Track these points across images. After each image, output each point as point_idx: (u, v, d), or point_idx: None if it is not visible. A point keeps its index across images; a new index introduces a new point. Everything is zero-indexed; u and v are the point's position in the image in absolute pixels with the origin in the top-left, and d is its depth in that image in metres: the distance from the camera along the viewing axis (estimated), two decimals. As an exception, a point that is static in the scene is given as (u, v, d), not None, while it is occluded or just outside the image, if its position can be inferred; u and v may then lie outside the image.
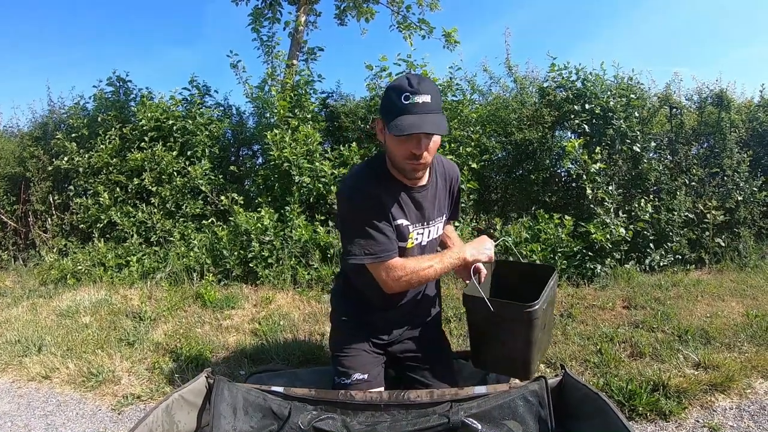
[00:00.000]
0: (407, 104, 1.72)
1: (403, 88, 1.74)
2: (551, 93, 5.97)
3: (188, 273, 5.22)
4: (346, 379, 2.09)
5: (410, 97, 1.72)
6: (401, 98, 1.73)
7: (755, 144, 6.34)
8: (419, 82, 1.74)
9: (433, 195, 2.07)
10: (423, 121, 1.71)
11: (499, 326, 2.03)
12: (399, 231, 1.97)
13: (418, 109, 1.72)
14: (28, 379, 3.30)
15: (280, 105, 5.93)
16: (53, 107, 7.51)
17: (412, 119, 1.71)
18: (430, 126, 1.72)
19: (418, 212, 2.03)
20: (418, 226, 2.05)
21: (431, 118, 1.73)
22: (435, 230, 2.14)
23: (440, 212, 2.14)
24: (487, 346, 2.14)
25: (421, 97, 1.72)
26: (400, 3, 7.95)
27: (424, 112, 1.72)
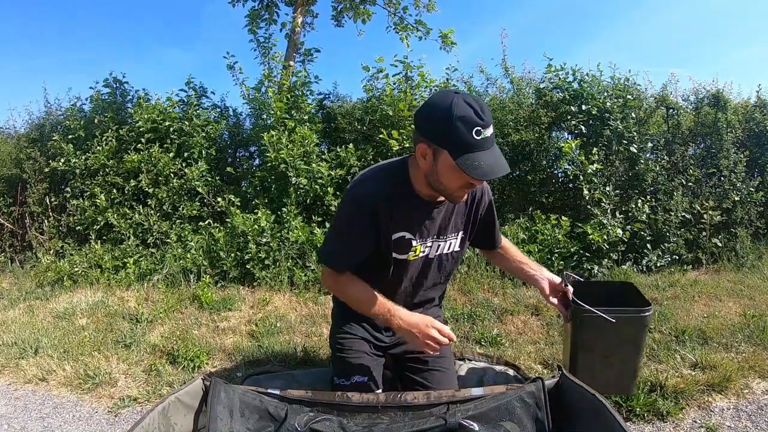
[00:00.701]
0: (479, 140, 1.56)
1: (473, 121, 1.56)
2: (548, 94, 5.97)
3: (185, 275, 5.21)
4: (345, 381, 2.08)
5: (482, 132, 1.56)
6: (473, 133, 1.56)
7: (752, 144, 6.36)
8: (483, 110, 1.57)
9: (449, 210, 1.95)
10: (498, 160, 1.61)
11: (614, 339, 2.03)
12: (399, 243, 1.93)
13: (488, 144, 1.59)
14: (25, 382, 3.28)
15: (276, 106, 5.93)
16: (50, 109, 7.49)
17: (488, 158, 1.58)
18: (505, 165, 1.62)
19: (429, 226, 1.94)
20: (428, 240, 1.97)
21: (500, 154, 1.63)
22: (447, 246, 2.03)
23: (456, 228, 2.02)
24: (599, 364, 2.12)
25: (489, 130, 1.59)
26: (397, 4, 7.97)
27: (492, 146, 1.61)
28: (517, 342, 3.61)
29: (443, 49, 7.90)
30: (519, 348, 3.50)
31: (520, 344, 3.56)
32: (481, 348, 3.51)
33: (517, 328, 3.89)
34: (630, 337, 2.06)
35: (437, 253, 2.03)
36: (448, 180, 1.68)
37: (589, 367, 2.08)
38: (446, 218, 1.96)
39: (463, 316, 4.03)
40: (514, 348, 3.50)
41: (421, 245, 1.96)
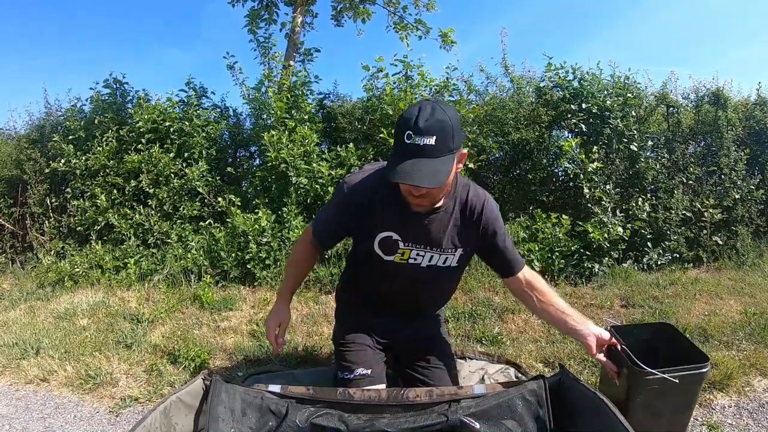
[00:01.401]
0: (408, 144, 1.58)
1: (407, 124, 1.58)
2: (548, 93, 5.97)
3: (186, 275, 5.21)
4: (348, 374, 2.09)
5: (412, 137, 1.57)
6: (404, 135, 1.58)
7: (752, 142, 6.36)
8: (427, 119, 1.57)
9: (443, 222, 1.92)
10: (416, 170, 1.57)
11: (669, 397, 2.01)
12: (385, 243, 1.95)
13: (415, 153, 1.58)
14: (26, 382, 3.28)
15: (277, 106, 5.92)
16: (50, 109, 7.49)
17: (406, 166, 1.57)
18: (421, 178, 1.57)
19: (419, 233, 1.93)
20: (418, 246, 1.95)
21: (428, 167, 1.58)
22: (442, 259, 2.00)
23: (453, 243, 1.97)
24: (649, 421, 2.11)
25: (424, 140, 1.56)
26: (397, 3, 7.95)
27: (424, 157, 1.58)
28: (518, 341, 3.61)
29: (443, 48, 7.89)
30: (520, 347, 3.50)
31: (521, 343, 3.56)
32: (482, 347, 3.51)
33: (518, 326, 3.89)
34: (685, 393, 2.05)
35: (429, 264, 2.01)
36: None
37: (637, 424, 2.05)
38: (440, 230, 1.94)
39: (464, 315, 4.02)
40: (515, 347, 3.50)
41: (409, 250, 1.96)
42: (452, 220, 1.94)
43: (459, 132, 1.66)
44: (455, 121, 1.63)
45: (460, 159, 1.75)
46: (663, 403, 2.03)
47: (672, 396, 2.02)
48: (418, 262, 2.00)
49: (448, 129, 1.60)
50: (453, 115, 1.63)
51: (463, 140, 1.72)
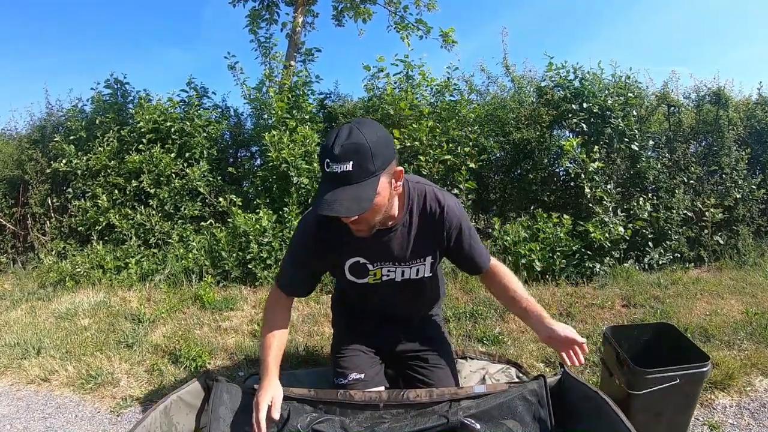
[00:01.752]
0: (328, 172, 1.53)
1: (325, 150, 1.54)
2: (549, 92, 5.97)
3: (187, 275, 5.21)
4: (343, 380, 2.11)
5: (330, 165, 1.51)
6: (324, 163, 1.53)
7: (753, 142, 6.34)
8: (343, 144, 1.50)
9: (404, 235, 1.89)
10: (334, 199, 1.51)
11: (669, 396, 2.02)
12: (355, 268, 1.97)
13: (333, 182, 1.52)
14: (27, 382, 3.29)
15: (278, 106, 5.93)
16: (51, 110, 7.51)
17: (328, 195, 1.52)
18: (339, 208, 1.51)
19: (383, 252, 1.91)
20: (387, 264, 1.95)
21: (347, 194, 1.52)
22: (414, 271, 1.99)
23: (420, 254, 1.96)
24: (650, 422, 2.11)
25: (340, 166, 1.50)
26: (398, 3, 7.94)
27: (342, 185, 1.52)
28: (519, 340, 3.60)
29: (444, 48, 7.87)
30: (521, 346, 3.49)
31: (522, 343, 3.56)
32: (483, 346, 3.51)
33: (519, 326, 3.88)
34: (685, 393, 2.04)
35: (404, 278, 2.01)
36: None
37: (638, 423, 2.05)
38: (403, 245, 1.92)
39: (464, 315, 4.02)
40: (516, 346, 3.50)
41: (379, 269, 1.97)
42: (412, 232, 1.91)
43: (384, 151, 1.57)
44: (377, 140, 1.54)
45: (396, 177, 1.68)
46: (664, 402, 2.03)
47: (673, 395, 2.02)
48: (391, 277, 2.00)
49: (366, 152, 1.51)
50: (372, 135, 1.54)
51: (394, 157, 1.63)
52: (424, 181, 1.95)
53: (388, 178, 1.63)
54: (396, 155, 1.65)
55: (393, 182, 1.67)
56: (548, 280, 4.88)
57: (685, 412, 2.15)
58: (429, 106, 6.05)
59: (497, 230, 5.31)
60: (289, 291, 2.04)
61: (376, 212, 1.66)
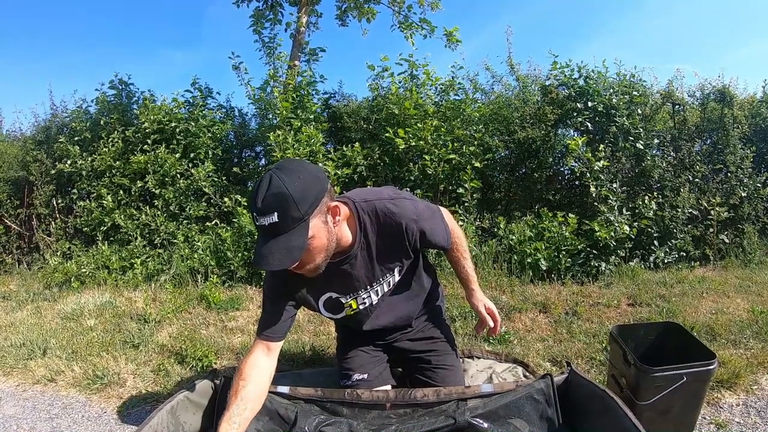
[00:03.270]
0: (257, 225, 1.52)
1: (251, 205, 1.53)
2: (553, 91, 5.95)
3: (192, 275, 5.22)
4: (347, 381, 2.12)
5: (257, 218, 1.50)
6: (252, 217, 1.53)
7: (758, 140, 6.34)
8: (264, 197, 1.48)
9: (365, 258, 1.88)
10: (269, 253, 1.50)
11: (676, 394, 2.02)
12: (330, 304, 1.97)
13: (263, 235, 1.53)
14: (33, 382, 3.30)
15: (282, 106, 5.93)
16: (56, 111, 7.53)
17: (261, 249, 1.51)
18: (270, 261, 1.50)
19: (351, 282, 1.91)
20: (358, 292, 1.95)
21: (280, 244, 1.50)
22: (385, 285, 2.00)
23: (386, 268, 1.94)
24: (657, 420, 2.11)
25: (266, 219, 1.48)
26: (401, 3, 7.94)
27: (273, 236, 1.50)
28: (526, 339, 3.60)
29: (448, 47, 7.87)
30: (527, 345, 3.49)
31: (529, 342, 3.55)
32: (489, 346, 3.50)
33: (525, 325, 3.88)
34: (692, 391, 2.04)
35: (379, 296, 2.02)
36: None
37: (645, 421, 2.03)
38: (367, 266, 1.90)
39: (471, 314, 4.01)
40: (523, 345, 3.50)
41: (354, 300, 1.97)
42: (373, 251, 1.88)
43: (309, 194, 1.53)
44: (299, 185, 1.51)
45: (332, 213, 1.66)
46: (671, 400, 2.03)
47: (680, 394, 2.01)
48: (367, 303, 2.01)
49: (288, 200, 1.48)
50: (294, 181, 1.51)
51: (323, 195, 1.59)
52: (372, 196, 1.88)
53: (322, 218, 1.60)
54: (327, 191, 1.60)
55: (329, 220, 1.64)
56: (554, 279, 4.87)
57: (693, 410, 2.14)
58: (433, 105, 6.05)
59: (502, 229, 5.31)
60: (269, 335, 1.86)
61: (316, 254, 1.64)
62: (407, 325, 2.25)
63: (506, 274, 4.92)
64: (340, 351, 2.28)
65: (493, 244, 5.15)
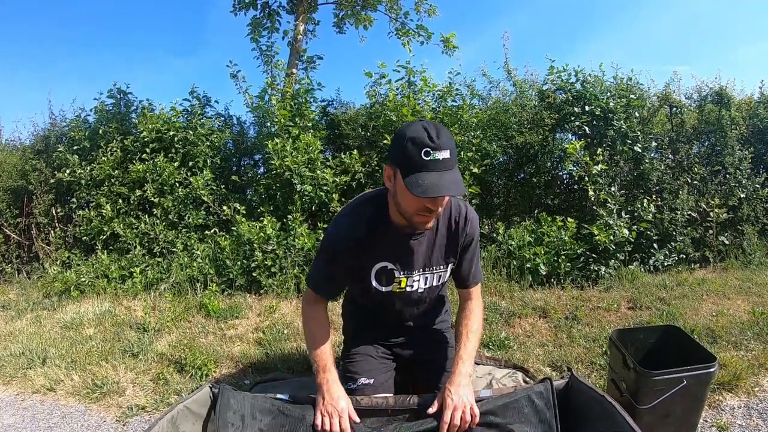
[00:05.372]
0: (427, 161, 1.60)
1: (423, 142, 1.60)
2: (551, 96, 5.96)
3: (191, 283, 5.21)
4: (352, 384, 2.10)
5: (431, 153, 1.59)
6: (421, 153, 1.60)
7: (756, 141, 6.35)
8: (439, 136, 1.61)
9: (430, 241, 1.98)
10: (444, 181, 1.60)
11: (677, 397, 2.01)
12: (382, 274, 2.00)
13: (438, 167, 1.61)
14: (33, 392, 3.29)
15: (280, 114, 5.93)
16: (54, 120, 7.54)
17: (433, 178, 1.60)
18: (450, 187, 1.61)
19: (410, 258, 1.98)
20: (414, 273, 2.01)
21: (451, 177, 1.63)
22: (435, 278, 2.07)
23: (444, 260, 2.04)
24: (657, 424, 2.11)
25: (442, 153, 1.60)
26: (398, 10, 7.99)
27: (445, 170, 1.62)
28: (525, 345, 3.59)
29: (445, 53, 7.92)
30: (527, 351, 3.49)
31: (529, 347, 3.55)
32: (489, 351, 3.49)
33: (525, 330, 3.88)
34: (693, 394, 2.03)
35: (426, 287, 2.07)
36: (405, 202, 1.73)
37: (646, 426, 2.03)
38: (429, 250, 1.98)
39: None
40: (523, 351, 3.49)
41: (406, 278, 2.00)
42: (438, 237, 1.98)
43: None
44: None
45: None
46: (671, 404, 2.02)
47: (680, 397, 2.01)
48: (414, 288, 2.05)
49: (454, 143, 1.66)
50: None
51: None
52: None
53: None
54: None
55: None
56: (553, 284, 4.87)
57: (693, 413, 2.14)
58: (431, 111, 6.05)
59: (501, 234, 5.30)
60: (323, 291, 2.07)
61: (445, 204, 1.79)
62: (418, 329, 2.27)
63: (506, 280, 4.92)
64: (347, 354, 2.27)
65: (493, 250, 5.15)
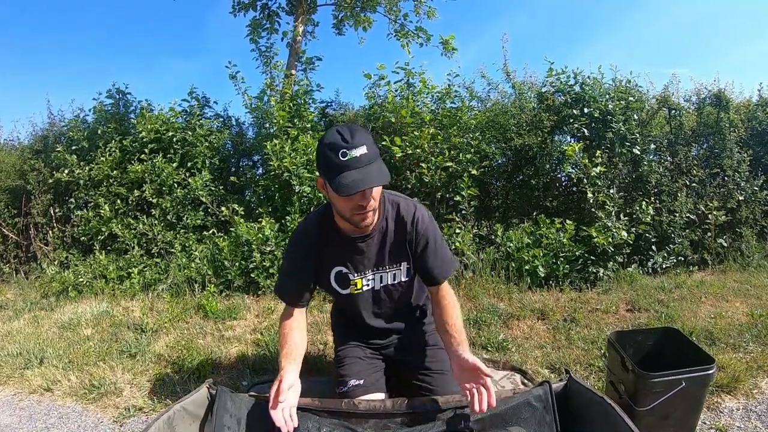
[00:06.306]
0: (345, 161, 1.67)
1: (337, 145, 1.69)
2: (550, 98, 5.97)
3: (189, 284, 5.20)
4: (343, 387, 2.13)
5: (347, 153, 1.68)
6: (338, 155, 1.68)
7: (755, 143, 6.35)
8: (353, 135, 1.70)
9: (379, 241, 2.03)
10: (365, 175, 1.68)
11: (675, 399, 2.01)
12: (339, 278, 2.08)
13: (357, 163, 1.68)
14: (30, 392, 3.28)
15: (279, 115, 5.94)
16: (53, 120, 7.55)
17: (354, 175, 1.67)
18: (373, 178, 1.69)
19: (362, 260, 2.04)
20: (367, 273, 2.07)
21: (372, 170, 1.70)
22: (390, 276, 2.10)
23: (397, 259, 2.07)
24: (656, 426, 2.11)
25: (358, 150, 1.68)
26: (398, 11, 7.99)
27: (364, 165, 1.69)
28: (524, 347, 3.59)
29: (444, 55, 7.92)
30: (525, 353, 3.48)
31: (527, 349, 3.54)
32: (488, 353, 3.49)
33: (523, 332, 3.88)
34: (691, 396, 2.03)
35: (382, 285, 2.11)
36: (339, 204, 1.84)
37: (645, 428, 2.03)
38: (380, 250, 2.03)
39: (468, 322, 4.01)
40: (521, 353, 3.49)
41: (360, 279, 2.07)
42: (388, 237, 2.03)
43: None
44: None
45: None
46: (670, 406, 2.02)
47: (679, 399, 2.00)
48: (371, 286, 2.10)
49: (371, 138, 1.75)
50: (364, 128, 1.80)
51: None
52: (396, 194, 2.09)
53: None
54: None
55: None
56: (552, 286, 4.87)
57: (692, 415, 2.13)
58: (430, 113, 6.05)
59: (500, 236, 5.30)
60: (289, 298, 2.09)
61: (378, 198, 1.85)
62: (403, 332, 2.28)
63: (504, 282, 4.92)
64: (337, 359, 2.28)
65: (491, 252, 5.15)
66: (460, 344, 1.91)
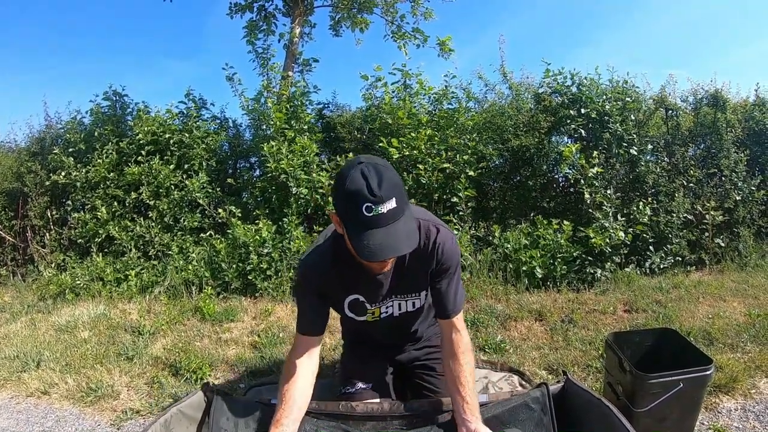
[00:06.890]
0: (370, 217, 1.41)
1: (362, 196, 1.40)
2: (547, 99, 5.97)
3: (187, 286, 5.19)
4: (350, 388, 2.09)
5: (373, 209, 1.40)
6: (362, 209, 1.40)
7: (752, 143, 6.36)
8: (380, 182, 1.41)
9: (399, 270, 1.81)
10: (393, 239, 1.43)
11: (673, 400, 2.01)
12: (354, 306, 1.91)
13: (383, 221, 1.42)
14: (27, 395, 3.27)
15: (276, 117, 5.93)
16: (50, 122, 7.53)
17: (380, 237, 1.42)
18: (401, 244, 1.45)
19: (379, 289, 1.85)
20: (385, 301, 1.90)
21: (400, 230, 1.45)
22: (409, 304, 1.94)
23: (415, 287, 1.89)
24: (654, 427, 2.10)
25: (386, 206, 1.41)
26: (395, 13, 7.99)
27: (391, 222, 1.43)
28: (521, 348, 3.59)
29: (441, 56, 7.91)
30: (523, 354, 3.48)
31: (524, 350, 3.54)
32: (485, 355, 3.49)
33: (520, 334, 3.87)
34: (689, 397, 2.03)
35: (401, 312, 1.96)
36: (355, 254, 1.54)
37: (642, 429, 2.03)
38: (398, 279, 1.84)
39: (466, 323, 4.00)
40: (519, 354, 3.49)
41: (378, 308, 1.92)
42: (407, 265, 1.81)
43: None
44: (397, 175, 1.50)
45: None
46: (668, 407, 2.02)
47: (677, 400, 2.00)
48: (390, 313, 1.96)
49: (401, 187, 1.48)
50: (394, 171, 1.50)
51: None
52: (416, 210, 1.81)
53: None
54: None
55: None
56: (549, 287, 4.87)
57: (690, 416, 2.13)
58: (427, 114, 6.06)
59: (497, 237, 5.30)
60: (309, 330, 1.85)
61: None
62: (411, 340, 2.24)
63: (502, 283, 4.91)
64: (345, 359, 2.27)
65: (489, 253, 5.15)
66: (472, 411, 1.68)
